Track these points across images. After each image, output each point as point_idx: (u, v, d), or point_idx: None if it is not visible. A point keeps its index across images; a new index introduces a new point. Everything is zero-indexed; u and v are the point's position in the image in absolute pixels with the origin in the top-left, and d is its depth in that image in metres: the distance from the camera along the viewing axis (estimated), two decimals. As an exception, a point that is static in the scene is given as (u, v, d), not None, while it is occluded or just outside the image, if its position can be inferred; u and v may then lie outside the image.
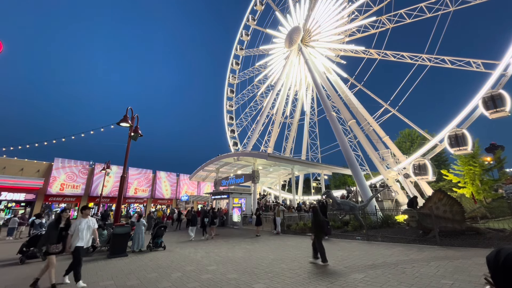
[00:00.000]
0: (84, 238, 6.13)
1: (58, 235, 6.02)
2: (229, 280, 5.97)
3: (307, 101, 36.45)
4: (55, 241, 5.94)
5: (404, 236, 10.69)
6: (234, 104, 43.09)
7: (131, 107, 11.27)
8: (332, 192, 17.91)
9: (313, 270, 6.53)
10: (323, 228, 7.74)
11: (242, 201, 22.20)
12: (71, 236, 6.01)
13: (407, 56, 22.52)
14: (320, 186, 31.12)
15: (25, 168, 29.42)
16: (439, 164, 33.29)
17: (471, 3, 18.97)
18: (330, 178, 53.69)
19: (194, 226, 14.74)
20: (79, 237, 6.04)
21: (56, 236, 5.98)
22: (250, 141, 31.69)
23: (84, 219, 6.31)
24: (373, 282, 5.30)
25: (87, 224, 6.26)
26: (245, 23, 40.18)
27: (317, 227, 7.75)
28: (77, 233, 6.05)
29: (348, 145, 20.67)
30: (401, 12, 22.27)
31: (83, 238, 6.11)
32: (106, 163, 23.58)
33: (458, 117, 18.03)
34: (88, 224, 6.29)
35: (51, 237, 5.94)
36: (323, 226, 7.75)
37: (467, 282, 4.92)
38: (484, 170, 20.85)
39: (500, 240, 8.63)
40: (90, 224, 6.34)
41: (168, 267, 7.61)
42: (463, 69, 19.33)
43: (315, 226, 7.82)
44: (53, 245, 5.91)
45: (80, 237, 6.05)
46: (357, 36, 26.87)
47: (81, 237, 6.06)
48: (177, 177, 42.71)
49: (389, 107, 23.84)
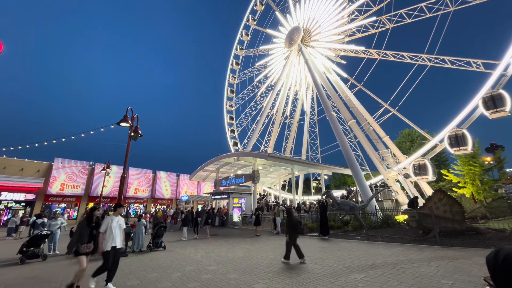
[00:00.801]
0: (117, 238, 5.68)
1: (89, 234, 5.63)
2: (229, 280, 5.98)
3: (307, 101, 36.46)
4: (86, 241, 5.54)
5: (404, 236, 10.70)
6: (234, 104, 43.09)
7: (131, 107, 11.27)
8: (332, 192, 17.92)
9: (313, 270, 6.53)
10: (296, 228, 8.07)
11: (242, 201, 22.20)
12: (103, 235, 5.55)
13: (407, 56, 22.53)
14: (320, 186, 31.12)
15: (25, 168, 29.42)
16: (439, 164, 33.30)
17: (471, 3, 18.98)
18: (330, 178, 53.71)
19: (186, 226, 15.02)
20: (112, 236, 5.58)
21: (88, 235, 5.59)
22: (250, 141, 31.69)
23: (116, 217, 5.85)
24: (373, 282, 5.30)
25: (118, 223, 5.84)
26: (245, 23, 40.18)
27: (290, 228, 8.10)
28: (110, 232, 5.58)
29: (348, 145, 20.67)
30: (401, 12, 22.28)
31: (116, 238, 5.65)
32: (106, 163, 23.54)
33: (458, 117, 18.03)
34: (120, 223, 5.87)
35: (83, 236, 5.53)
36: (296, 227, 8.11)
37: (467, 282, 4.93)
38: (484, 170, 20.88)
39: (500, 240, 8.63)
40: (121, 223, 5.93)
41: (168, 267, 7.61)
42: (463, 69, 19.34)
43: (288, 227, 8.18)
44: (84, 244, 5.50)
45: (113, 236, 5.59)
46: (357, 36, 26.88)
47: (114, 236, 5.60)
48: (177, 177, 42.70)
49: (389, 107, 23.85)
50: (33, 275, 7.16)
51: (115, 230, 5.63)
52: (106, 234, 5.55)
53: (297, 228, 8.16)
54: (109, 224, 5.61)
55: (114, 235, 5.58)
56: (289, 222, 8.25)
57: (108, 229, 5.57)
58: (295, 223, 8.16)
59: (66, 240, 13.10)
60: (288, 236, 7.99)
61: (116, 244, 5.60)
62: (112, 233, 5.56)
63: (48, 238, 10.23)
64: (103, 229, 5.55)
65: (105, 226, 5.57)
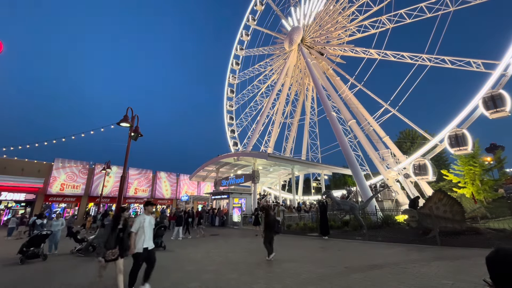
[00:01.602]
0: (149, 238, 5.22)
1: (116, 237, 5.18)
2: (229, 280, 5.97)
3: (307, 101, 36.46)
4: (113, 246, 5.09)
5: (404, 236, 10.69)
6: (234, 104, 43.09)
7: (131, 107, 11.27)
8: (332, 192, 17.90)
9: (314, 270, 6.52)
10: (272, 227, 8.39)
11: (242, 201, 22.21)
12: (135, 234, 5.07)
13: (407, 56, 22.52)
14: (320, 186, 31.11)
15: (26, 168, 29.42)
16: (439, 164, 33.29)
17: (471, 3, 18.97)
18: (330, 178, 53.74)
19: (179, 226, 15.19)
20: (144, 236, 5.12)
21: (114, 239, 5.13)
22: (250, 141, 31.69)
23: (148, 216, 5.39)
24: (373, 282, 5.30)
25: (150, 223, 5.36)
26: (245, 23, 40.18)
27: (267, 227, 8.41)
28: (142, 232, 5.10)
29: (348, 145, 20.68)
30: (401, 12, 22.27)
31: (148, 238, 5.20)
32: (106, 163, 23.53)
33: (458, 117, 18.03)
34: (151, 223, 5.40)
35: (110, 242, 5.07)
36: (273, 226, 8.44)
37: (468, 282, 4.92)
38: (484, 170, 20.88)
39: (500, 240, 8.63)
40: (152, 223, 5.48)
41: (168, 267, 7.61)
42: (463, 69, 19.33)
43: (266, 226, 8.47)
44: (109, 251, 5.01)
45: (145, 236, 5.13)
46: (357, 36, 26.87)
47: (146, 236, 5.15)
48: (177, 177, 42.69)
49: (389, 107, 23.83)
50: (33, 275, 7.16)
51: (147, 230, 5.17)
52: (138, 234, 5.09)
53: (274, 227, 8.47)
54: (142, 224, 5.12)
55: (146, 235, 5.13)
56: (266, 221, 8.52)
57: (140, 229, 5.08)
58: (272, 223, 8.45)
59: (67, 240, 13.14)
60: (264, 235, 8.26)
61: (148, 246, 5.17)
62: (143, 233, 5.10)
63: (49, 238, 10.24)
64: (135, 228, 5.08)
65: (137, 225, 5.08)
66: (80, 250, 10.28)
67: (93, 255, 10.03)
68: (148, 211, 5.50)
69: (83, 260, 9.19)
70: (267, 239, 8.16)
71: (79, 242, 11.30)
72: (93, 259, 9.15)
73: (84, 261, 8.90)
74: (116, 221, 5.31)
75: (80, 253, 10.11)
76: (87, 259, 9.32)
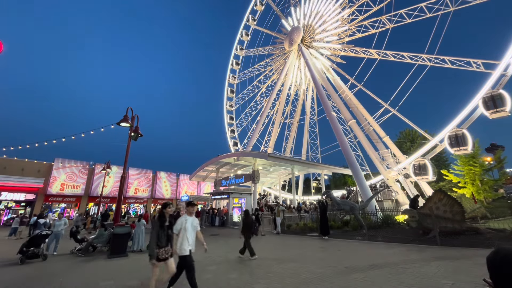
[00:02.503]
0: (191, 241, 4.87)
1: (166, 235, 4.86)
2: (229, 280, 5.98)
3: (307, 101, 36.47)
4: (164, 243, 4.75)
5: (404, 236, 10.68)
6: (234, 104, 43.09)
7: (131, 107, 11.28)
8: (332, 192, 17.90)
9: (314, 270, 6.52)
10: (250, 228, 8.89)
11: (242, 201, 22.19)
12: (177, 236, 4.83)
13: (407, 56, 22.53)
14: (320, 186, 31.12)
15: (26, 168, 29.42)
16: (439, 164, 33.31)
17: (471, 3, 18.98)
18: (330, 178, 53.76)
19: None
20: (187, 239, 4.79)
21: (165, 236, 4.79)
22: (250, 141, 31.69)
23: (190, 217, 5.05)
24: (373, 282, 5.30)
25: (193, 224, 5.01)
26: (245, 23, 40.17)
27: (245, 227, 8.81)
28: (183, 234, 4.80)
29: (348, 145, 20.67)
30: (401, 12, 22.29)
31: (191, 241, 4.86)
32: (106, 163, 23.56)
33: (458, 117, 18.03)
34: (194, 224, 5.04)
35: (161, 240, 4.73)
36: (251, 227, 8.94)
37: (468, 282, 4.92)
38: (484, 170, 20.87)
39: (500, 240, 8.62)
40: (195, 224, 5.10)
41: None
42: (463, 69, 19.35)
43: (244, 226, 8.87)
44: (162, 249, 4.72)
45: (188, 239, 4.81)
46: (357, 36, 26.88)
47: (189, 239, 4.82)
48: (177, 177, 42.69)
49: (389, 107, 23.84)
50: (33, 275, 7.16)
51: (189, 232, 4.87)
52: (180, 236, 4.82)
53: (252, 228, 8.98)
54: (183, 225, 4.85)
55: (188, 237, 4.82)
56: (245, 223, 8.95)
57: (182, 230, 4.82)
58: (251, 224, 8.96)
59: (67, 240, 13.13)
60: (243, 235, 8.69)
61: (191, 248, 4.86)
62: (186, 235, 4.81)
63: (51, 238, 10.24)
64: (176, 229, 4.86)
65: (179, 227, 4.85)
66: (80, 250, 10.29)
67: (92, 255, 10.04)
68: (189, 211, 5.14)
69: (83, 260, 9.19)
70: (247, 238, 8.61)
71: (79, 242, 11.31)
72: (93, 259, 9.17)
73: (84, 261, 8.89)
74: (163, 218, 4.97)
75: (80, 253, 10.11)
76: (87, 259, 9.31)
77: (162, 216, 4.98)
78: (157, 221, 4.93)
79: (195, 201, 5.72)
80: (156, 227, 4.84)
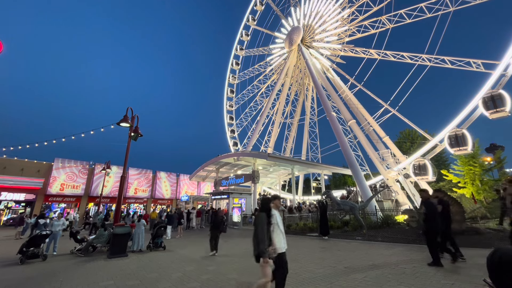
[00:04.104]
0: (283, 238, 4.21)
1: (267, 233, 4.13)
2: (229, 280, 5.97)
3: (307, 101, 36.47)
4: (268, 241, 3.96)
5: (404, 236, 10.67)
6: (234, 104, 43.08)
7: (131, 107, 11.28)
8: (332, 192, 17.89)
9: (314, 270, 6.52)
10: (218, 226, 9.55)
11: (242, 201, 22.19)
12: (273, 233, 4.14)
13: (407, 56, 22.53)
14: (320, 186, 31.12)
15: (26, 168, 29.41)
16: (439, 164, 33.31)
17: (471, 3, 18.98)
18: (330, 178, 53.74)
19: (170, 225, 15.59)
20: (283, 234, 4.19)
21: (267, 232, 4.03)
22: (250, 141, 31.69)
23: (276, 212, 4.38)
24: (373, 282, 5.29)
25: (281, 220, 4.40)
26: (245, 23, 40.18)
27: (213, 226, 9.53)
28: (277, 228, 4.15)
29: (348, 145, 20.68)
30: (401, 12, 22.28)
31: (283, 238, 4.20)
32: (106, 163, 23.55)
33: (458, 117, 18.02)
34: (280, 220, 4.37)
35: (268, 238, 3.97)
36: (219, 225, 9.58)
37: (468, 282, 4.92)
38: (484, 170, 20.83)
39: (500, 240, 8.62)
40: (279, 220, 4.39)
41: (168, 267, 7.60)
42: (463, 69, 19.34)
43: (212, 225, 9.58)
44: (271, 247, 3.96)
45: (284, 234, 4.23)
46: (357, 36, 26.88)
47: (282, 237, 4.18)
48: (177, 177, 42.67)
49: (389, 107, 23.84)
50: (33, 275, 7.16)
51: (282, 227, 4.28)
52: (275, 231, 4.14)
53: (220, 227, 9.57)
54: (277, 222, 4.22)
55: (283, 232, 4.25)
56: (213, 221, 9.60)
57: (276, 226, 4.16)
58: (219, 222, 9.59)
59: (67, 240, 13.13)
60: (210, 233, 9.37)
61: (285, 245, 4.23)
62: (281, 230, 4.20)
63: (49, 238, 10.23)
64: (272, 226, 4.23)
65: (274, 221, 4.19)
66: (80, 250, 10.28)
67: (92, 255, 10.04)
68: (276, 205, 4.44)
69: (83, 260, 9.18)
70: (213, 237, 9.15)
71: (79, 242, 11.30)
72: (93, 259, 9.17)
73: (84, 261, 8.89)
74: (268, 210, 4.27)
75: (80, 253, 10.11)
76: (87, 259, 9.31)
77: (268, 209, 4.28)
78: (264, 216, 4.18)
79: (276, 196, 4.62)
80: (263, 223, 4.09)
